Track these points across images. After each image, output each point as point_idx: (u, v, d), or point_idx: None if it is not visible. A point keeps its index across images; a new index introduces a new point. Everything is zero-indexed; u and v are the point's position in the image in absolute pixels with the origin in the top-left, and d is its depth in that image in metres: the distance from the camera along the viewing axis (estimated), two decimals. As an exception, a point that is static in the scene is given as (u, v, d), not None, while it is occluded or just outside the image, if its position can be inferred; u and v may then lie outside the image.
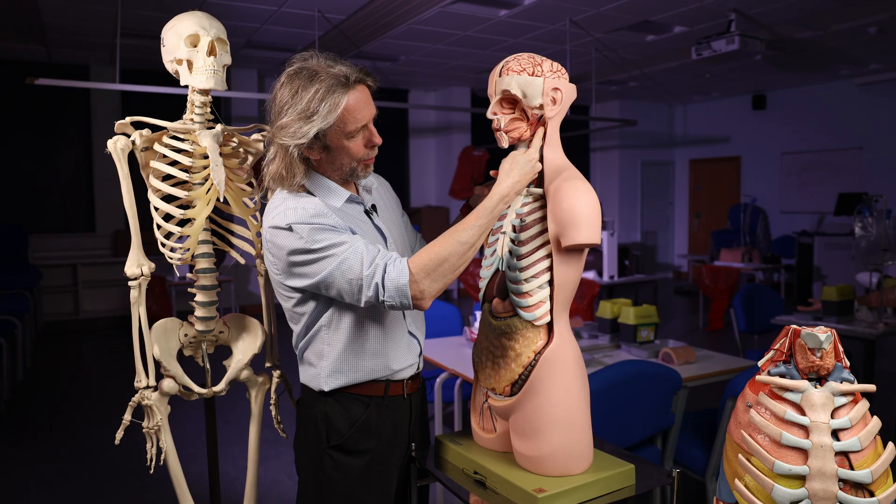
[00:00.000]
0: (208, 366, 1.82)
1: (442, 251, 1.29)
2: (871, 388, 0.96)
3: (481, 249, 1.55)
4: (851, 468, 0.94)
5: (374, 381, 1.50)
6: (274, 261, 1.42)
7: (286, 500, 2.99)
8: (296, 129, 1.35)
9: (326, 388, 1.47)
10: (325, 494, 1.49)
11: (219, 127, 1.73)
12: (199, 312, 1.78)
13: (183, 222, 1.72)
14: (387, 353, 1.49)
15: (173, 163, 1.69)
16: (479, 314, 2.56)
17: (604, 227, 5.70)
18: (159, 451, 1.73)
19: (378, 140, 1.46)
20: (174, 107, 2.11)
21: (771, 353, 1.03)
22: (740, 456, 1.00)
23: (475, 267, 6.19)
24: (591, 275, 5.91)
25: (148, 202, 1.71)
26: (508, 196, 1.32)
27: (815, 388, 0.97)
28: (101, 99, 7.33)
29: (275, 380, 1.91)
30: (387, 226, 1.56)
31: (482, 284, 1.47)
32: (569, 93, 1.37)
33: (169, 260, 1.71)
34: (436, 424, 2.97)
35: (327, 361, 1.47)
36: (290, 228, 1.35)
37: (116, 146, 1.64)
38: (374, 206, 1.57)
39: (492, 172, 1.42)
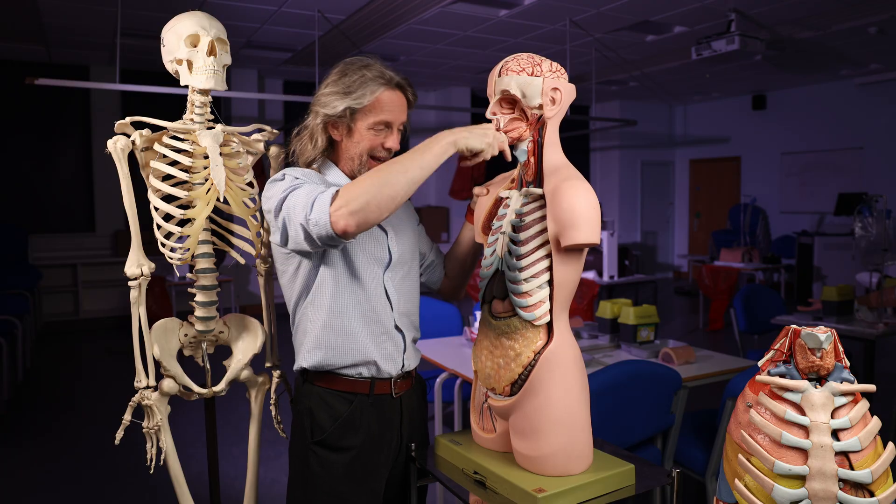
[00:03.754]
0: (208, 366, 1.82)
1: (371, 172, 1.34)
2: (871, 388, 0.96)
3: (481, 249, 1.55)
4: (851, 468, 0.94)
5: (360, 380, 1.50)
6: (267, 218, 1.45)
7: (286, 500, 2.99)
8: (330, 101, 1.49)
9: (306, 365, 1.51)
10: (311, 491, 1.50)
11: (219, 127, 1.73)
12: (199, 312, 1.77)
13: (183, 222, 1.72)
14: (365, 340, 1.49)
15: (173, 163, 1.69)
16: (479, 314, 2.56)
17: (604, 227, 5.70)
18: (159, 451, 1.72)
19: (394, 145, 1.53)
20: (174, 107, 2.11)
21: (771, 353, 1.03)
22: (740, 456, 1.00)
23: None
24: (591, 275, 5.90)
25: (148, 202, 1.70)
26: (442, 140, 1.32)
27: (815, 388, 0.97)
28: (101, 99, 7.33)
29: (275, 380, 1.91)
30: (390, 222, 1.57)
31: (482, 284, 1.47)
32: (568, 93, 1.37)
33: (169, 260, 1.71)
34: (436, 424, 2.97)
35: (309, 337, 1.51)
36: (283, 177, 1.44)
37: (116, 146, 1.64)
38: None
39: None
